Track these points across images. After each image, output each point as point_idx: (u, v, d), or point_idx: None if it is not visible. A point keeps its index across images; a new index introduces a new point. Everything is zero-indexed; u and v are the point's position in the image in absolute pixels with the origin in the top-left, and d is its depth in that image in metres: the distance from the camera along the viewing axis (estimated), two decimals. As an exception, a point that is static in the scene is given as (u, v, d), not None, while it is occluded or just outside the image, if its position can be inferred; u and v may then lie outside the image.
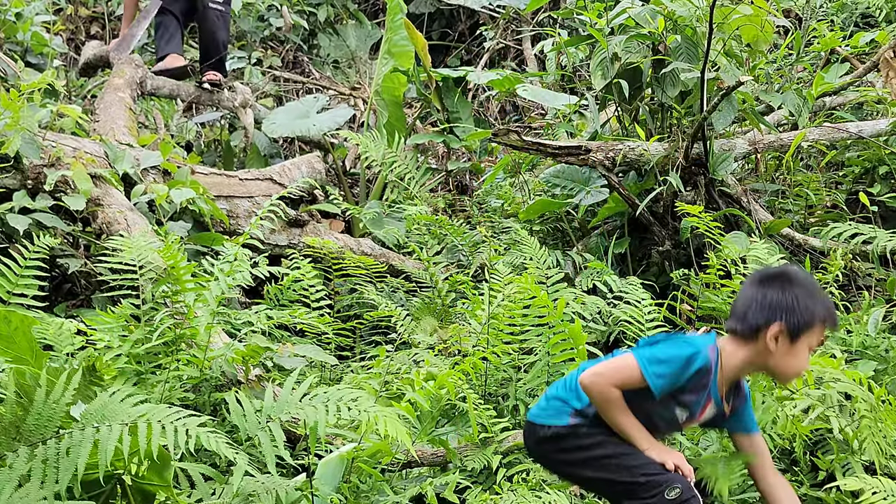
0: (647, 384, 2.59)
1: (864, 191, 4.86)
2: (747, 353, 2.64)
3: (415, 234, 5.38)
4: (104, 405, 2.33)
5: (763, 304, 2.60)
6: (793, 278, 2.65)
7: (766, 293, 2.61)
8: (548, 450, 2.83)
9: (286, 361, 3.75)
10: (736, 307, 2.68)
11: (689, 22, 4.81)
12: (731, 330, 2.67)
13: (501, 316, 3.86)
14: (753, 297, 2.63)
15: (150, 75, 6.36)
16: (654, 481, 2.61)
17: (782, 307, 2.58)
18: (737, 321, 2.65)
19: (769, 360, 2.62)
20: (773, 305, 2.59)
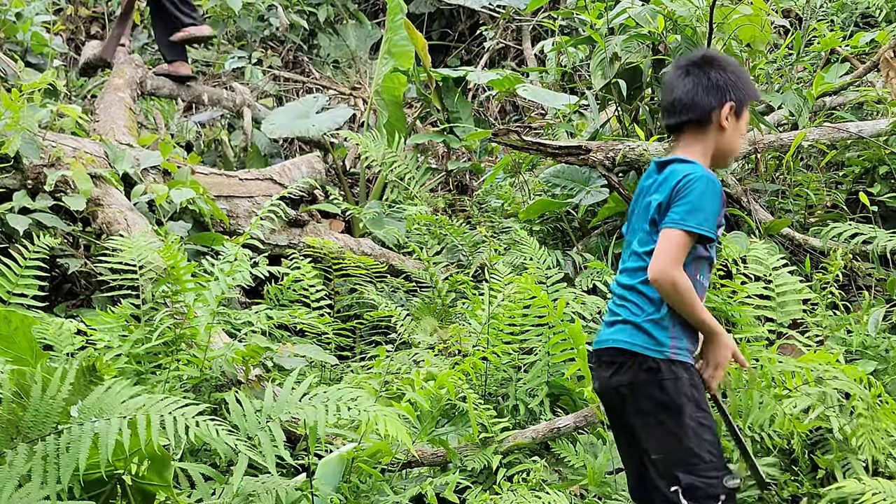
0: (705, 236, 2.51)
1: (864, 191, 4.85)
2: (706, 143, 2.66)
3: (415, 234, 5.38)
4: (101, 399, 2.33)
5: (709, 86, 2.62)
6: (721, 59, 2.71)
7: (707, 76, 2.63)
8: (631, 392, 2.58)
9: (286, 361, 3.75)
10: (676, 100, 2.65)
11: (689, 22, 4.81)
12: (684, 122, 2.65)
13: (501, 316, 3.87)
14: (696, 83, 2.64)
15: (150, 75, 6.36)
16: (718, 463, 2.54)
17: (729, 85, 2.63)
18: (686, 112, 2.63)
19: (721, 141, 2.66)
20: (719, 85, 2.63)
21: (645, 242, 2.61)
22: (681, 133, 2.69)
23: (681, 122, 2.67)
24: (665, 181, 2.60)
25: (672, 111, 2.68)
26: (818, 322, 3.91)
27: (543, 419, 3.73)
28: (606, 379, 2.64)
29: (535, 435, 3.56)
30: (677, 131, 2.70)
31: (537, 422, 3.73)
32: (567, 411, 3.80)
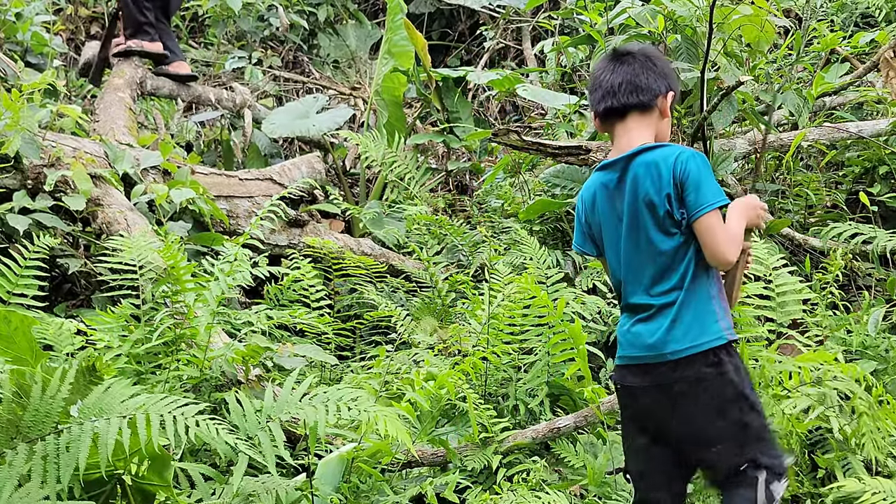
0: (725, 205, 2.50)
1: (864, 191, 4.86)
2: (652, 129, 2.62)
3: (415, 234, 5.38)
4: (101, 399, 2.33)
5: (658, 73, 2.60)
6: (657, 52, 2.72)
7: (652, 64, 2.61)
8: (691, 391, 2.49)
9: (286, 361, 3.75)
10: (623, 83, 2.58)
11: (689, 22, 4.80)
12: (631, 106, 2.58)
13: (501, 316, 3.87)
14: (643, 68, 2.59)
15: (150, 75, 6.36)
16: (776, 441, 2.51)
17: (670, 75, 2.63)
18: (635, 94, 2.57)
19: (661, 130, 2.62)
20: (664, 73, 2.61)
21: (663, 241, 2.50)
22: (621, 118, 2.60)
23: (627, 105, 2.58)
24: (655, 172, 2.49)
25: (615, 93, 2.59)
26: (818, 322, 3.91)
27: (543, 419, 3.73)
28: (652, 387, 2.53)
29: (535, 435, 3.56)
30: (618, 116, 2.61)
31: (537, 422, 3.73)
32: (567, 411, 3.80)
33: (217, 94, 6.86)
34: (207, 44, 8.65)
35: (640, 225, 2.54)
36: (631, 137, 2.59)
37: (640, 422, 2.62)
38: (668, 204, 2.48)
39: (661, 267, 2.52)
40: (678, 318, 2.50)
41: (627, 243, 2.57)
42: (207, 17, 8.55)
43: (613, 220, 2.59)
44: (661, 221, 2.50)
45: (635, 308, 2.58)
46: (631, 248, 2.56)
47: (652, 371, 2.53)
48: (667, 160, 2.49)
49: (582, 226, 2.69)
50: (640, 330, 2.56)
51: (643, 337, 2.54)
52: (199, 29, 9.01)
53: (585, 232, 2.69)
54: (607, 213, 2.61)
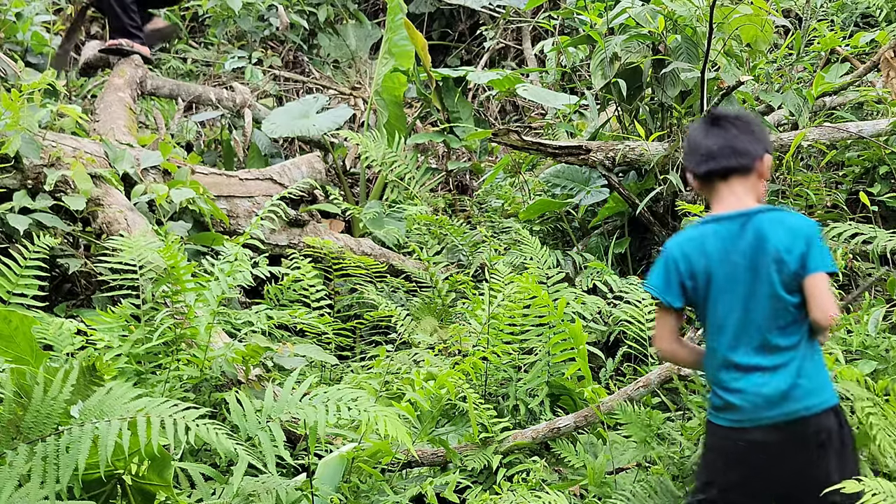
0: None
1: (864, 191, 4.85)
2: (755, 191, 2.68)
3: (415, 234, 5.38)
4: (102, 401, 2.33)
5: (752, 137, 2.67)
6: (749, 115, 2.85)
7: (749, 128, 2.68)
8: (820, 442, 2.53)
9: (286, 361, 3.75)
10: (723, 146, 2.65)
11: (689, 22, 4.80)
12: (733, 169, 2.64)
13: (501, 316, 3.87)
14: (742, 132, 2.66)
15: (150, 75, 6.36)
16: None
17: (765, 138, 2.70)
18: (737, 158, 2.64)
19: (760, 189, 2.69)
20: (760, 137, 2.69)
21: (790, 297, 2.54)
22: (724, 180, 2.66)
23: (728, 168, 2.64)
24: (786, 232, 2.55)
25: (714, 157, 2.65)
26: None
27: (543, 419, 3.73)
28: (784, 443, 2.54)
29: (535, 435, 3.56)
30: (720, 178, 2.66)
31: (537, 422, 3.73)
32: (567, 411, 3.80)
33: (217, 93, 6.86)
34: (207, 44, 8.65)
35: (763, 280, 2.56)
36: (739, 198, 2.65)
37: (759, 478, 2.58)
38: (799, 263, 2.53)
39: (785, 322, 2.55)
40: (805, 373, 2.54)
41: (745, 298, 2.59)
42: (207, 17, 8.55)
43: (728, 271, 2.61)
44: (789, 279, 2.54)
45: (746, 366, 2.57)
46: (748, 303, 2.58)
47: (784, 428, 2.53)
48: (800, 222, 2.60)
49: (671, 273, 2.67)
50: (762, 388, 2.55)
51: (768, 394, 2.54)
52: (199, 29, 9.01)
53: (675, 281, 2.67)
54: (723, 264, 2.62)
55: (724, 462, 2.63)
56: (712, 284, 2.60)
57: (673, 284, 2.65)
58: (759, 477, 2.57)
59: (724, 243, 2.60)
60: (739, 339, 2.57)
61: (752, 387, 2.54)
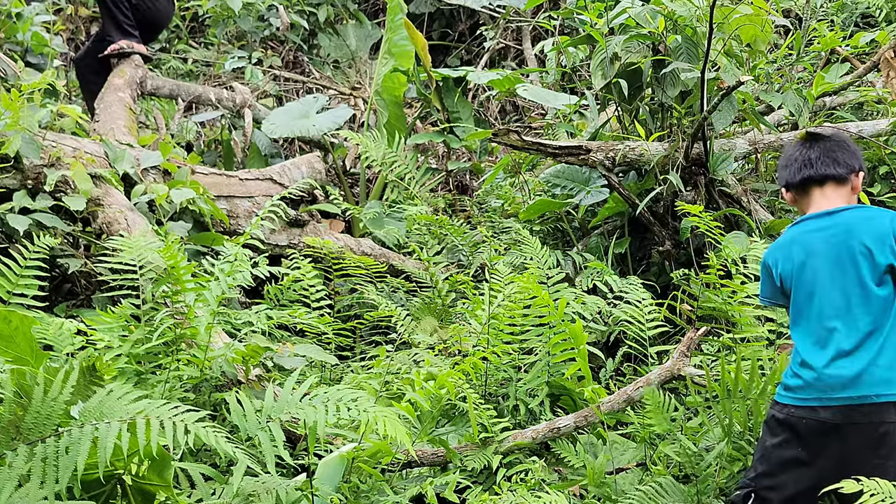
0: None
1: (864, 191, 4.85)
2: (846, 199, 2.86)
3: (415, 234, 5.38)
4: (102, 402, 2.33)
5: (848, 152, 2.88)
6: (845, 135, 3.07)
7: (843, 145, 2.90)
8: (886, 431, 2.62)
9: (286, 361, 3.75)
10: (820, 156, 2.85)
11: (689, 22, 4.80)
12: (828, 177, 2.84)
13: (502, 316, 3.87)
14: (840, 147, 2.88)
15: (150, 75, 6.35)
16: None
17: (860, 157, 2.91)
18: (834, 167, 2.84)
19: (853, 202, 2.87)
20: (855, 153, 2.91)
21: (878, 288, 2.66)
22: (819, 186, 2.86)
23: (826, 175, 2.84)
24: (873, 225, 2.71)
25: (812, 164, 2.85)
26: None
27: (543, 419, 3.73)
28: (853, 426, 2.63)
29: (535, 435, 3.56)
30: (816, 184, 2.86)
31: (537, 422, 3.73)
32: (567, 411, 3.80)
33: (217, 93, 6.86)
34: (207, 44, 8.65)
35: (851, 271, 2.71)
36: (831, 201, 2.84)
37: (815, 460, 2.70)
38: (891, 254, 2.67)
39: (871, 310, 2.67)
40: (882, 361, 2.65)
41: (832, 286, 2.73)
42: (207, 17, 8.55)
43: (818, 263, 2.77)
44: (877, 270, 2.67)
45: (839, 351, 2.69)
46: (835, 291, 2.73)
47: (850, 412, 2.65)
48: (884, 215, 2.74)
49: (773, 278, 2.87)
50: (839, 370, 2.67)
51: (844, 375, 2.66)
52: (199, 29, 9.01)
53: (777, 285, 2.87)
54: (812, 257, 2.78)
55: (784, 441, 2.74)
56: (802, 275, 2.77)
57: (777, 288, 2.88)
58: (816, 459, 2.68)
59: (812, 237, 2.78)
60: (825, 324, 2.71)
61: (831, 368, 2.67)
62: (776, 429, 2.78)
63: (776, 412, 2.78)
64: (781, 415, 2.76)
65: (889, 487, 2.30)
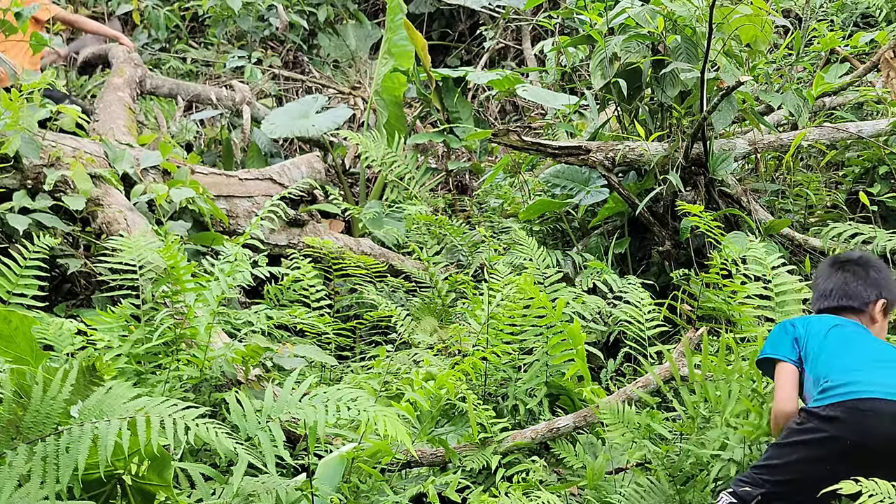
0: None
1: (864, 191, 4.86)
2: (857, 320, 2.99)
3: (415, 234, 5.38)
4: (102, 401, 2.33)
5: (869, 282, 2.99)
6: (876, 261, 3.10)
7: (867, 273, 3.01)
8: None
9: (286, 361, 3.75)
10: (834, 288, 3.01)
11: (689, 22, 4.80)
12: (843, 308, 2.99)
13: (501, 316, 3.87)
14: (857, 277, 3.00)
15: (149, 74, 6.36)
16: None
17: (883, 285, 3.00)
18: (846, 299, 2.98)
19: (876, 330, 2.97)
20: (878, 283, 3.00)
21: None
22: (842, 313, 3.02)
23: (839, 308, 3.00)
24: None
25: (827, 297, 3.03)
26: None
27: (543, 419, 3.73)
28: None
29: (535, 435, 3.56)
30: (835, 313, 3.03)
31: (536, 422, 3.73)
32: (566, 411, 3.80)
33: (217, 92, 6.86)
34: (207, 44, 8.65)
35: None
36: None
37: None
38: None
39: None
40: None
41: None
42: (207, 16, 8.55)
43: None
44: None
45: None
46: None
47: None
48: None
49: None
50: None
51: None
52: (199, 29, 9.01)
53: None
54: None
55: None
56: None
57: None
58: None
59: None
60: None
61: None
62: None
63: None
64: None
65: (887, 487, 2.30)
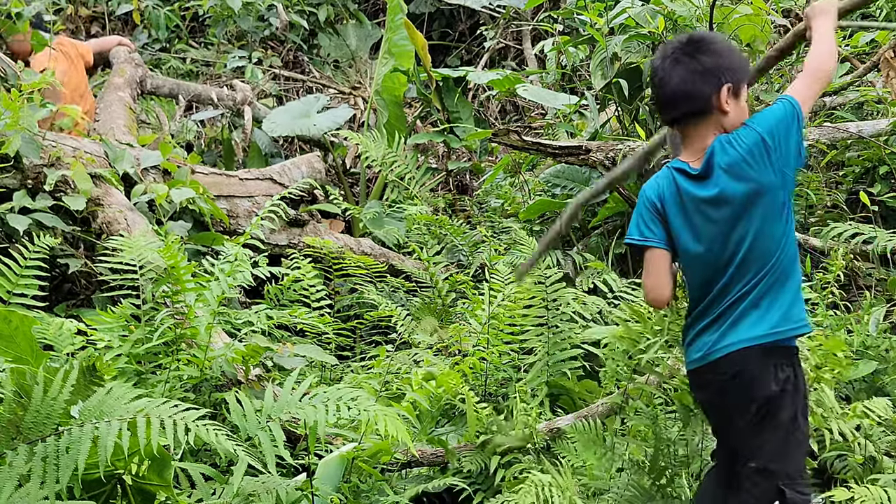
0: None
1: (864, 190, 4.86)
2: (714, 129, 2.62)
3: (415, 234, 5.38)
4: (102, 401, 2.33)
5: (704, 72, 2.58)
6: (709, 39, 2.67)
7: (699, 61, 2.59)
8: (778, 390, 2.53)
9: (286, 361, 3.75)
10: (672, 93, 2.61)
11: (690, 22, 4.80)
12: (686, 114, 2.62)
13: (501, 316, 3.87)
14: (689, 70, 2.59)
15: (150, 74, 6.35)
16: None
17: (722, 68, 2.59)
18: (686, 103, 2.59)
19: (726, 123, 2.60)
20: (713, 70, 2.58)
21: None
22: (685, 125, 2.65)
23: (682, 115, 2.63)
24: (738, 151, 2.55)
25: (671, 104, 2.64)
26: (818, 322, 3.91)
27: (543, 419, 3.72)
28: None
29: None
30: (680, 124, 2.66)
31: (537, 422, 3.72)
32: (567, 411, 3.80)
33: (218, 92, 6.86)
34: (207, 43, 8.65)
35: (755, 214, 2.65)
36: (692, 140, 2.65)
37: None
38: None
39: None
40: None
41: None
42: (207, 16, 8.55)
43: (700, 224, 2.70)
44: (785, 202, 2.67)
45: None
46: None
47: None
48: (745, 133, 2.62)
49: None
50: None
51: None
52: (199, 29, 9.01)
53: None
54: (695, 221, 2.72)
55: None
56: None
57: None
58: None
59: (683, 201, 2.69)
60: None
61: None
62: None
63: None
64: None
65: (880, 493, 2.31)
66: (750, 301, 2.53)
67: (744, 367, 2.52)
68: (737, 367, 2.52)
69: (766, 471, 2.50)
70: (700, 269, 2.62)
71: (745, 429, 2.52)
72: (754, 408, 2.50)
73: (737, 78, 2.60)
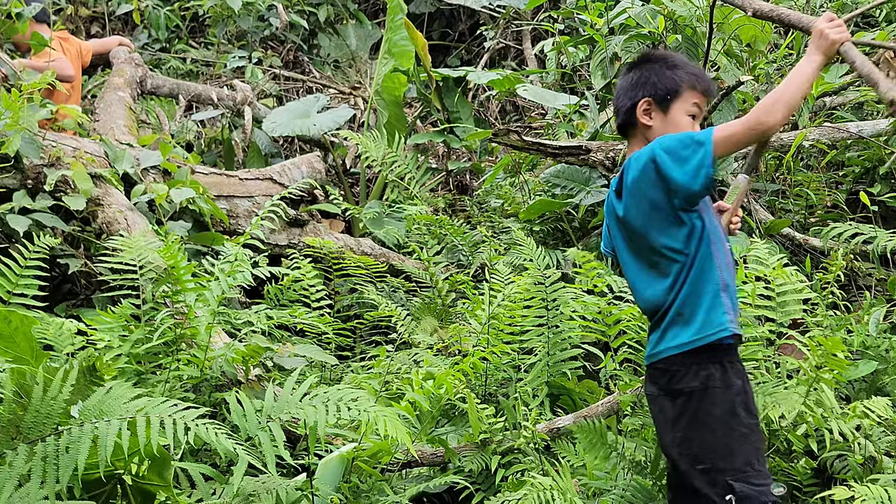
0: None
1: (864, 190, 4.86)
2: (637, 142, 2.69)
3: (415, 234, 5.38)
4: (102, 401, 2.33)
5: (628, 87, 2.69)
6: (651, 57, 2.73)
7: (630, 77, 2.70)
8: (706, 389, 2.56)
9: (286, 361, 3.75)
10: (613, 107, 2.77)
11: (689, 22, 4.80)
12: (620, 127, 2.74)
13: (501, 316, 3.87)
14: (621, 85, 2.71)
15: (150, 74, 6.35)
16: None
17: (641, 82, 2.67)
18: (617, 116, 2.73)
19: (650, 135, 2.65)
20: (634, 85, 2.68)
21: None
22: (625, 136, 2.79)
23: (618, 127, 2.77)
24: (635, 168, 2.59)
25: (617, 115, 2.77)
26: (818, 322, 3.91)
27: (543, 419, 3.73)
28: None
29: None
30: (622, 135, 2.80)
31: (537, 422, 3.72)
32: (567, 411, 3.80)
33: (218, 92, 6.86)
34: (207, 43, 8.65)
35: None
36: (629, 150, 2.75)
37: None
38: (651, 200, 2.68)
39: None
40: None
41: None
42: (207, 16, 8.55)
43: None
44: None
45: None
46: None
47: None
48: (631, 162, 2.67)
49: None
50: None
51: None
52: (199, 29, 9.01)
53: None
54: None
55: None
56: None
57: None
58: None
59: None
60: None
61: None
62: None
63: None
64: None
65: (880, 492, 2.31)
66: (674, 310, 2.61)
67: (668, 367, 2.62)
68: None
69: (714, 469, 2.52)
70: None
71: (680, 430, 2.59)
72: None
73: (657, 92, 2.64)
